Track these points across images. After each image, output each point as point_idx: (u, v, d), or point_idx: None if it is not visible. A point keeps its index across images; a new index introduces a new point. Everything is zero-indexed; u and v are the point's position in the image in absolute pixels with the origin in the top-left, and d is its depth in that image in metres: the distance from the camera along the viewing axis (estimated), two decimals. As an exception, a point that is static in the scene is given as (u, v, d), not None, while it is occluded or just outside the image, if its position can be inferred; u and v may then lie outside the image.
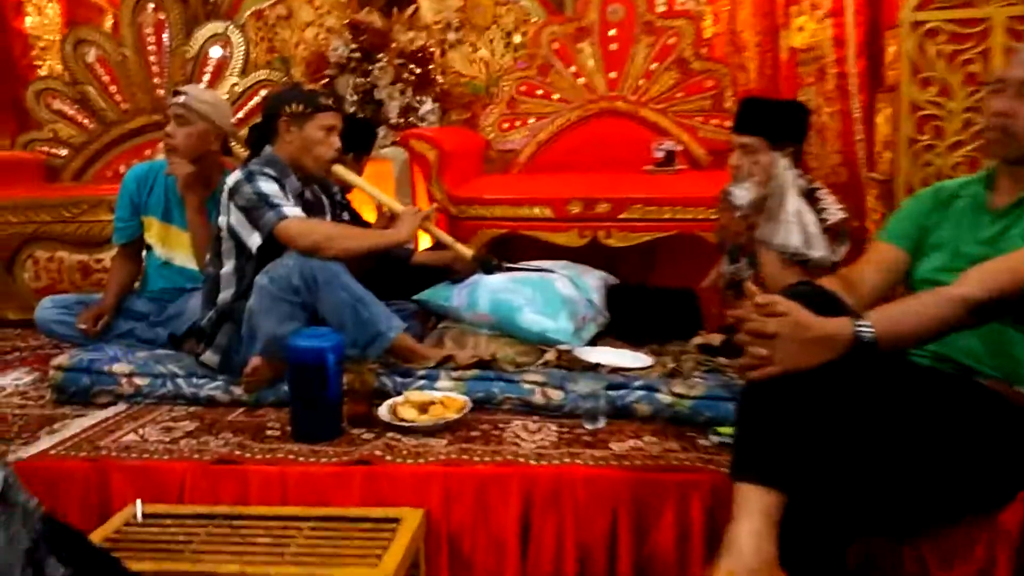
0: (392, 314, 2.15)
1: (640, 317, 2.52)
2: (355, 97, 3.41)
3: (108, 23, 4.24)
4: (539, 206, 3.05)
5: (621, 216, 2.98)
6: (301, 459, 1.78)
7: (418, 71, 3.49)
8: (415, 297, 2.44)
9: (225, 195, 2.18)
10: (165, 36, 3.67)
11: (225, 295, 2.22)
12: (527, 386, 2.06)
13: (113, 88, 3.73)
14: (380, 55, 3.41)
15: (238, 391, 2.15)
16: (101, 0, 4.32)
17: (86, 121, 3.75)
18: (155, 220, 2.58)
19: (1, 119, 4.05)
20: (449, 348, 2.32)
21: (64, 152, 3.76)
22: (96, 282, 3.17)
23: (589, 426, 1.91)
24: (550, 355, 2.27)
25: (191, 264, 2.54)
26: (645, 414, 1.95)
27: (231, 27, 3.66)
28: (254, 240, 2.11)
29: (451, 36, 3.91)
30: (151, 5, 3.68)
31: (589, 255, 2.95)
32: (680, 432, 1.87)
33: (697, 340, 2.35)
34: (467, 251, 2.36)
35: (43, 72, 4.16)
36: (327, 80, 3.45)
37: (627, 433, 1.87)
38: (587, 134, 3.52)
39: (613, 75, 3.50)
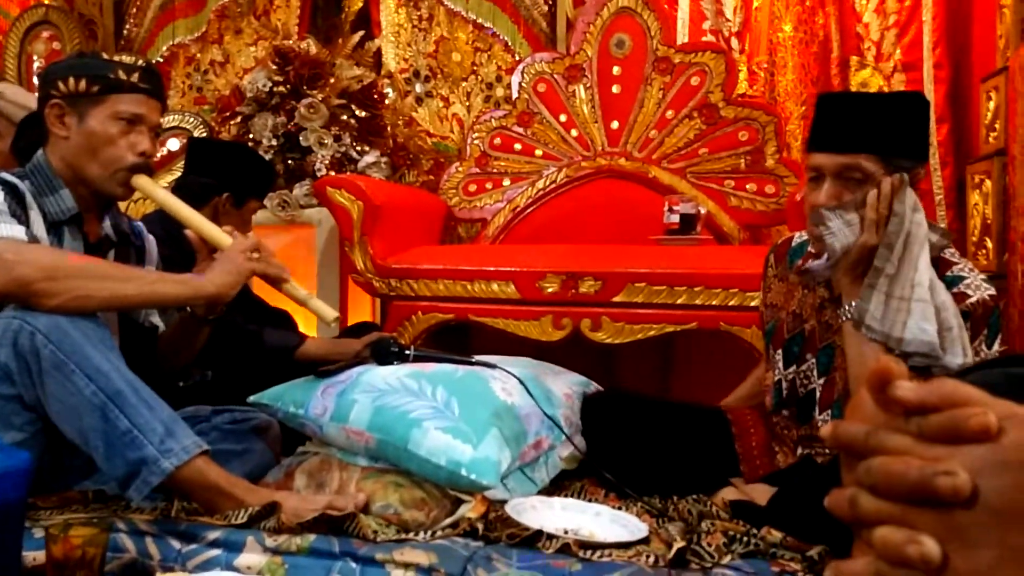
0: (182, 426, 1.22)
1: (635, 450, 1.51)
2: (275, 142, 2.59)
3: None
4: (499, 282, 2.13)
5: (615, 299, 2.04)
6: None
7: (363, 115, 2.67)
8: (251, 399, 1.46)
9: None
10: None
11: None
12: (397, 573, 1.06)
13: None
14: (314, 92, 2.61)
15: None
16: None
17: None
18: None
19: None
20: (292, 491, 1.34)
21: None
22: None
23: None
24: (467, 510, 1.28)
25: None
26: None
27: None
28: None
29: (419, 88, 3.16)
30: (46, 33, 2.97)
31: (571, 355, 2.06)
32: None
33: (728, 494, 1.43)
34: (330, 312, 1.39)
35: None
36: (239, 119, 2.64)
37: None
38: (579, 200, 2.62)
39: (615, 125, 2.64)
